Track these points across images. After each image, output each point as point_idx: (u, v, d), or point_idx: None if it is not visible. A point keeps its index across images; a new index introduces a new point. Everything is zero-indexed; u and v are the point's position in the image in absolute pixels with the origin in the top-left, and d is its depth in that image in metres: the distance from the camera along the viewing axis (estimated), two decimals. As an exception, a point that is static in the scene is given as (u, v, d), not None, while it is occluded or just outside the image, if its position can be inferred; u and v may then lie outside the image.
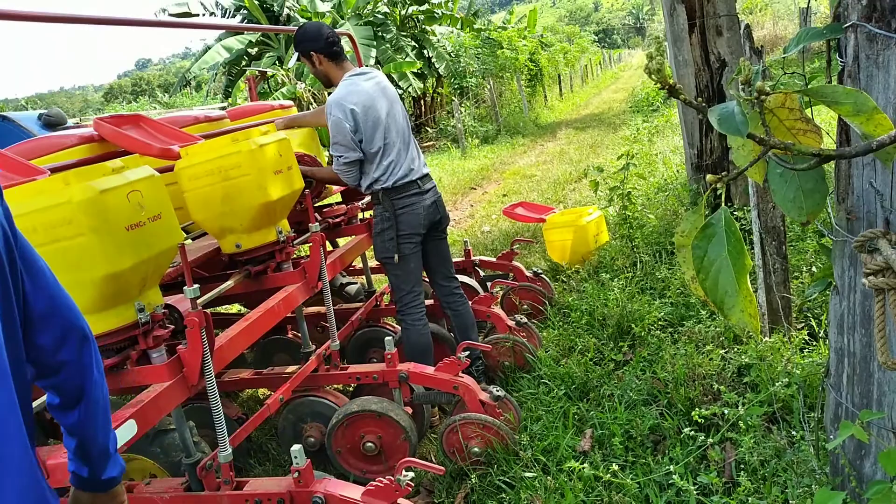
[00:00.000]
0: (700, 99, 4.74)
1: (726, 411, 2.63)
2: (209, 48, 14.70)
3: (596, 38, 65.17)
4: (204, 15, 14.63)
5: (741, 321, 0.97)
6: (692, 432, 2.60)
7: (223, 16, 15.13)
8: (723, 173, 0.98)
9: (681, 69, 4.79)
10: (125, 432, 1.93)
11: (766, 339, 3.12)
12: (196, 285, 2.18)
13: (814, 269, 3.81)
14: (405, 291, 3.33)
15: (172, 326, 2.20)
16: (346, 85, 3.19)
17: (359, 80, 3.21)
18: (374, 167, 3.22)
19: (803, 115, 1.00)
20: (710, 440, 2.51)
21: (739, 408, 2.60)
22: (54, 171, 2.15)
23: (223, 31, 15.14)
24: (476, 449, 2.85)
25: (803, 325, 3.28)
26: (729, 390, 2.82)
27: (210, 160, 2.68)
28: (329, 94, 3.41)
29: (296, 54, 3.30)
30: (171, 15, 14.23)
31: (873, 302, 1.16)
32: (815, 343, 3.08)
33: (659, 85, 0.91)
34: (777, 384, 2.66)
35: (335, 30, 3.37)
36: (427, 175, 3.40)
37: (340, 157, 3.19)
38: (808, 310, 3.43)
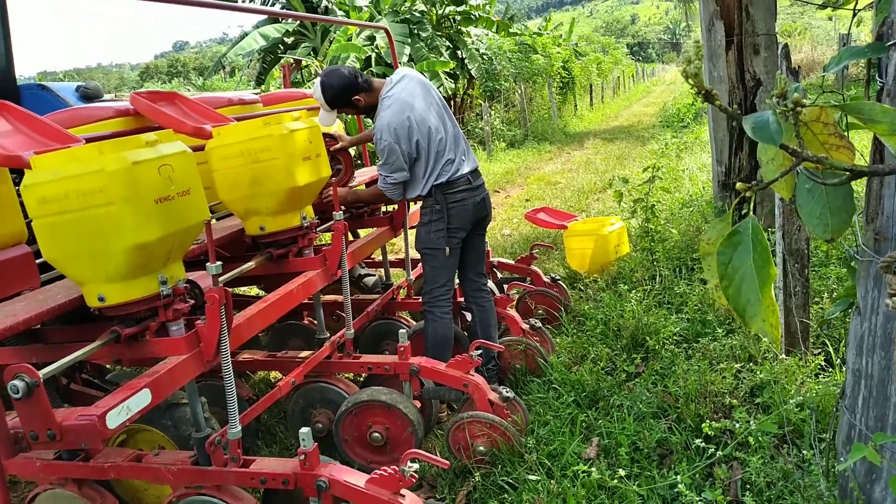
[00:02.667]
0: (731, 119, 4.71)
1: (737, 425, 2.61)
2: (246, 34, 14.81)
3: (630, 50, 64.87)
4: (244, 1, 14.76)
5: (762, 330, 0.97)
6: (701, 444, 2.58)
7: (262, 3, 15.26)
8: (753, 182, 0.98)
9: (715, 85, 4.77)
10: (139, 400, 1.96)
11: (783, 357, 3.10)
12: (219, 262, 2.21)
13: (835, 294, 3.77)
14: (439, 284, 3.35)
15: (193, 301, 2.23)
16: (387, 105, 3.18)
17: (396, 94, 3.20)
18: (430, 171, 3.25)
19: (837, 131, 1.00)
20: (718, 452, 2.49)
21: (751, 423, 2.58)
22: (89, 140, 2.19)
23: (261, 18, 15.26)
24: (481, 448, 2.86)
25: (820, 350, 3.25)
26: (740, 407, 2.80)
27: (241, 142, 2.71)
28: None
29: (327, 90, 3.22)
30: (211, -1, 14.34)
31: (895, 324, 1.15)
32: (830, 369, 3.05)
33: (695, 89, 0.91)
34: (790, 403, 2.64)
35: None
36: (476, 170, 3.41)
37: (388, 177, 3.23)
38: (825, 334, 3.39)
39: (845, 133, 1.52)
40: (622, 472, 2.43)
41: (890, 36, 1.26)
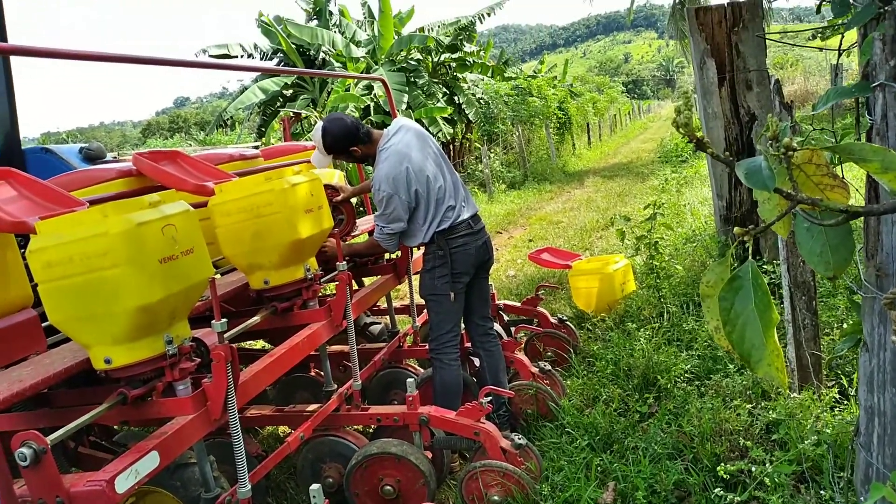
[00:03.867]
0: (728, 153, 4.75)
1: (753, 468, 2.57)
2: (246, 89, 15.09)
3: (625, 88, 65.81)
4: (242, 57, 15.06)
5: (768, 375, 0.96)
6: (720, 491, 2.53)
7: (261, 58, 15.57)
8: (751, 226, 0.99)
9: (710, 122, 4.81)
10: (148, 463, 1.94)
11: (796, 394, 3.06)
12: (224, 319, 2.21)
13: (844, 325, 3.74)
14: (445, 330, 3.34)
15: (199, 359, 2.23)
16: (385, 157, 3.24)
17: (393, 146, 3.25)
18: (431, 218, 3.28)
19: (830, 171, 1.01)
20: (736, 498, 2.44)
21: (767, 465, 2.53)
22: (93, 203, 2.22)
23: (260, 72, 15.56)
24: (496, 497, 2.81)
25: (834, 382, 3.21)
26: (756, 446, 2.76)
27: (243, 197, 2.74)
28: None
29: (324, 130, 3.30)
30: (210, 56, 14.67)
31: (904, 361, 1.14)
32: (846, 402, 3.01)
33: (687, 138, 0.93)
34: (806, 442, 2.59)
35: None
36: (476, 215, 3.44)
37: (385, 227, 3.26)
38: (838, 366, 3.36)
39: (838, 167, 1.53)
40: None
41: (875, 76, 1.28)
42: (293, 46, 14.82)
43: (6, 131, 3.49)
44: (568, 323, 4.51)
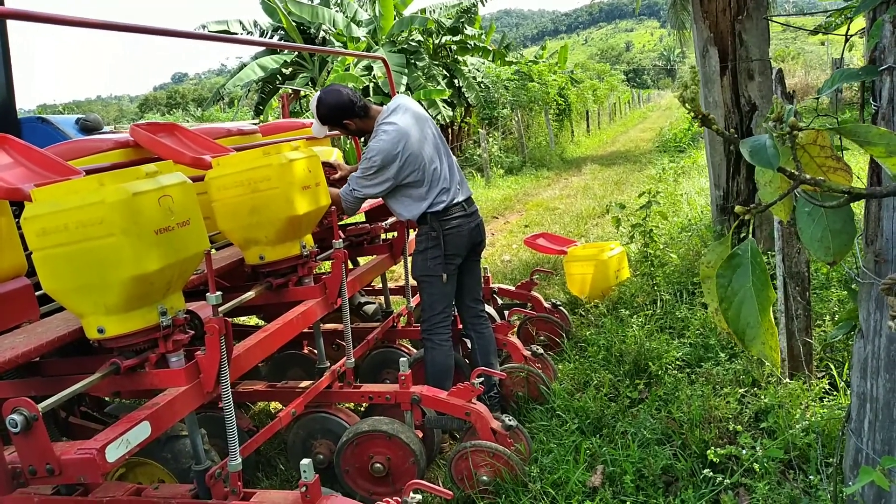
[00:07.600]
0: (727, 144, 4.75)
1: (743, 451, 2.59)
2: (244, 66, 14.96)
3: (626, 77, 65.59)
4: (242, 33, 14.93)
5: (762, 353, 0.97)
6: (708, 473, 2.55)
7: (261, 35, 15.43)
8: (752, 206, 0.98)
9: (711, 111, 4.80)
10: (139, 433, 1.94)
11: (787, 381, 3.08)
12: (219, 292, 2.20)
13: (837, 317, 3.76)
14: (437, 311, 3.34)
15: (192, 332, 2.22)
16: (383, 130, 3.20)
17: (393, 124, 3.21)
18: (425, 199, 3.26)
19: (834, 154, 1.01)
20: (725, 480, 2.46)
21: (757, 450, 2.55)
22: (90, 172, 2.20)
23: (259, 49, 15.44)
24: (485, 477, 2.83)
25: (824, 373, 3.23)
26: (745, 433, 2.78)
27: (240, 172, 2.72)
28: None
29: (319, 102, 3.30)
30: (210, 32, 14.53)
31: (899, 347, 1.14)
32: (835, 393, 3.03)
33: (692, 114, 0.92)
34: (796, 427, 2.62)
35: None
36: (470, 198, 3.44)
37: (356, 190, 3.22)
38: (829, 357, 3.38)
39: (841, 153, 1.53)
40: (628, 503, 2.40)
41: (882, 60, 1.27)
42: (294, 24, 14.70)
43: (2, 99, 3.46)
44: (561, 308, 4.51)
